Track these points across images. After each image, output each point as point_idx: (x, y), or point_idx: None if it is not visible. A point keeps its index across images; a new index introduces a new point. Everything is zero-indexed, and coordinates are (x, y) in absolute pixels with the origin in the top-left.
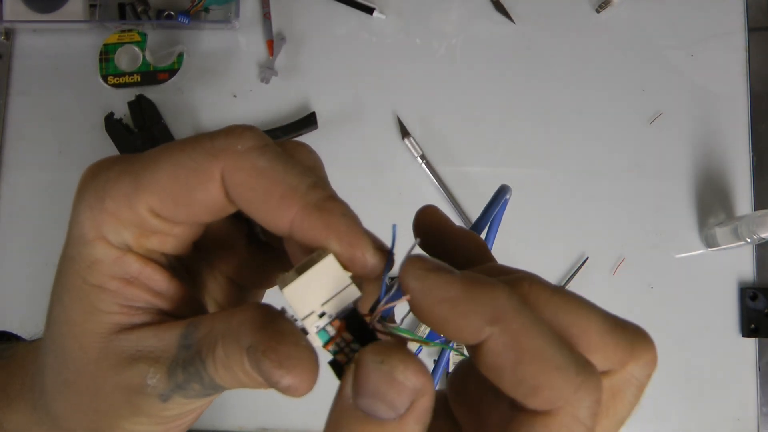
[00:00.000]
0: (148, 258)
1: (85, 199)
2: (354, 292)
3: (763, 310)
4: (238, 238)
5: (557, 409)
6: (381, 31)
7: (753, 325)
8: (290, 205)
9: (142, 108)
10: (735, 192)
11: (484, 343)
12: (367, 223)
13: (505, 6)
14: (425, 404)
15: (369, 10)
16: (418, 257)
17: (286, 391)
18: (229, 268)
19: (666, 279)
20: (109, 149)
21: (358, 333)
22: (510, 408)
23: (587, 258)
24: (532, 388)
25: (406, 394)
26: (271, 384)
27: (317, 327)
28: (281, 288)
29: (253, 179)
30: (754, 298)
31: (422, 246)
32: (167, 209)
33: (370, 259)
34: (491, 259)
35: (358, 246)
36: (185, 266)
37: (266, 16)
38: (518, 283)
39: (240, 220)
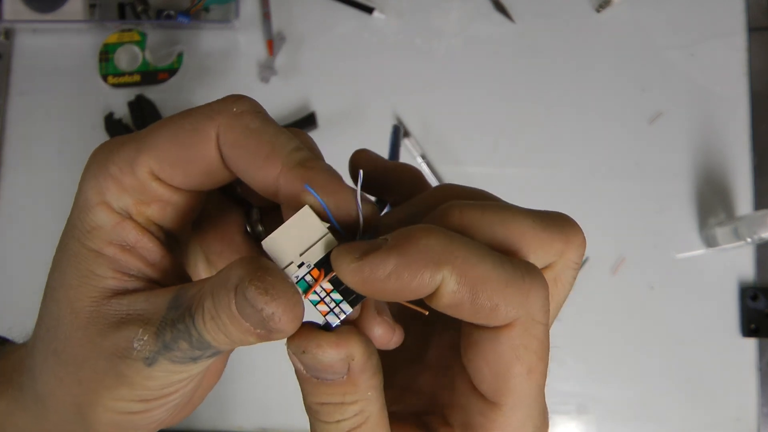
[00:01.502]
0: (146, 228)
1: (90, 169)
2: (332, 242)
3: (764, 310)
4: (235, 230)
5: (516, 319)
6: (381, 31)
7: (753, 325)
8: (275, 162)
9: (142, 108)
10: (735, 192)
11: (438, 290)
12: None
13: (505, 6)
14: (360, 362)
15: (369, 10)
16: (340, 249)
17: (270, 322)
18: (222, 258)
19: (666, 279)
20: None
21: (337, 281)
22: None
23: (587, 258)
24: (491, 309)
25: (337, 365)
26: (256, 320)
27: (296, 277)
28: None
29: (243, 138)
30: (754, 298)
31: (364, 186)
32: (165, 170)
33: (352, 207)
34: (428, 185)
35: (339, 195)
36: (181, 247)
37: (266, 16)
38: (449, 212)
39: (236, 213)
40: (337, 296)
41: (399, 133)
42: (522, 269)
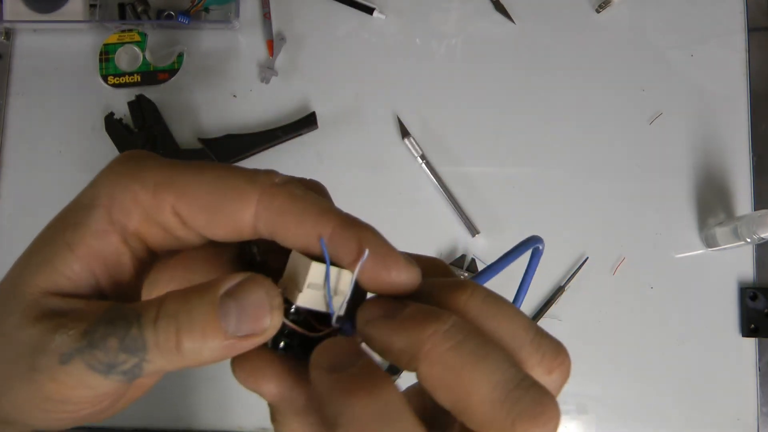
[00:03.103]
0: (132, 248)
1: (113, 171)
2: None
3: (763, 310)
4: (225, 258)
5: None
6: (381, 31)
7: (753, 325)
8: (327, 223)
9: (142, 108)
10: (735, 192)
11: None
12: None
13: (505, 6)
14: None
15: (369, 10)
16: (371, 303)
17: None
18: (197, 272)
19: (666, 279)
20: (109, 149)
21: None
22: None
23: (587, 258)
24: (460, 412)
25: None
26: (235, 324)
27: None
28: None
29: (289, 203)
30: (754, 298)
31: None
32: (190, 213)
33: (401, 275)
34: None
35: (390, 260)
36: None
37: (266, 16)
38: (457, 294)
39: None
40: (297, 344)
41: (539, 257)
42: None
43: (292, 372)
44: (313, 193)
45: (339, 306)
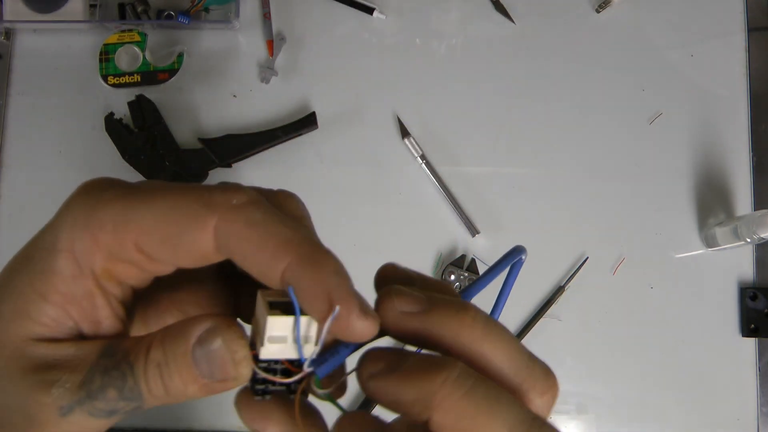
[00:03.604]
0: (104, 289)
1: (71, 212)
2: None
3: (763, 310)
4: (207, 273)
5: None
6: (381, 31)
7: (753, 325)
8: (283, 256)
9: (142, 108)
10: (735, 192)
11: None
12: (367, 224)
13: (505, 6)
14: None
15: (369, 10)
16: (370, 355)
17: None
18: (191, 302)
19: (666, 279)
20: (109, 149)
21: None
22: None
23: (587, 258)
24: None
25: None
26: (207, 369)
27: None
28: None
29: (247, 230)
30: (754, 298)
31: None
32: (152, 247)
33: (356, 324)
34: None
35: (344, 310)
36: (139, 295)
37: (266, 16)
38: (461, 317)
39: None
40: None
41: (519, 267)
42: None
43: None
44: (275, 215)
45: (306, 352)
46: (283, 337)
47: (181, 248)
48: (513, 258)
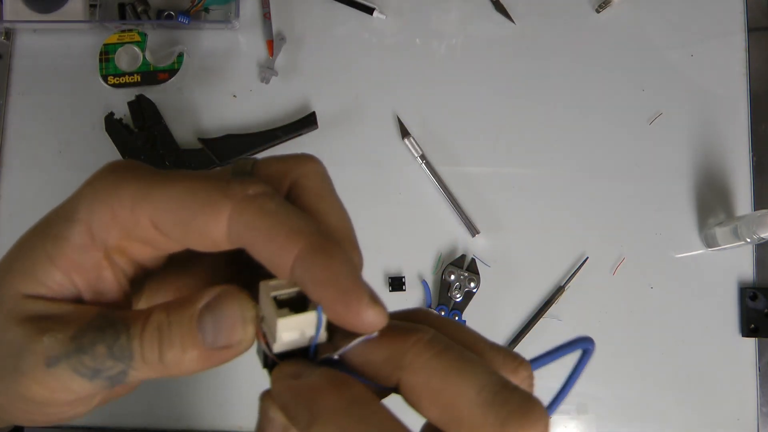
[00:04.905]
0: (114, 262)
1: (93, 186)
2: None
3: (763, 310)
4: (218, 265)
5: None
6: (381, 31)
7: (753, 325)
8: (294, 245)
9: (142, 108)
10: (735, 192)
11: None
12: (367, 223)
13: (505, 6)
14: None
15: (369, 10)
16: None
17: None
18: (194, 279)
19: (666, 279)
20: (109, 149)
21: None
22: None
23: (587, 258)
24: None
25: None
26: (211, 337)
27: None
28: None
29: (259, 219)
30: (754, 298)
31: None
32: (168, 227)
33: (366, 312)
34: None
35: (353, 298)
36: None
37: (266, 16)
38: (415, 342)
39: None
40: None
41: (588, 358)
42: None
43: None
44: (288, 206)
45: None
46: (292, 336)
47: (193, 232)
48: (577, 347)
